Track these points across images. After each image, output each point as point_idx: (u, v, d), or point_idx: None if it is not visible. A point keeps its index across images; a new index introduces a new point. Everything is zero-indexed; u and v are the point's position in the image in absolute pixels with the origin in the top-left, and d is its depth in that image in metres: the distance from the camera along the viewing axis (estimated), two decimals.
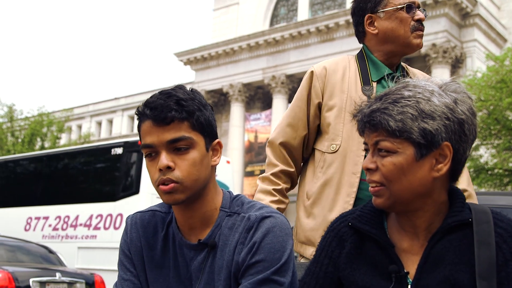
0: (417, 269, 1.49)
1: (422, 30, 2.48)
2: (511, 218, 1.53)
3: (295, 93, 2.64)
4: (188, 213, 1.73)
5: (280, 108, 32.13)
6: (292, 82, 32.43)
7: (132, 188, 10.79)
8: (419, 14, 2.46)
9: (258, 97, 35.50)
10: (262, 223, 1.66)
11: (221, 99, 36.98)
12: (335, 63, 2.60)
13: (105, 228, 10.83)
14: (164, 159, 1.63)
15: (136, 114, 1.69)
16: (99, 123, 48.30)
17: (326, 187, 2.49)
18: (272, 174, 2.58)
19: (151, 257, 1.81)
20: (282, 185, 2.56)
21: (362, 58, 2.57)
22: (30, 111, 35.28)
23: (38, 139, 32.51)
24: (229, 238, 1.70)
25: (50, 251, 9.71)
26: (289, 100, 32.35)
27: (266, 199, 2.50)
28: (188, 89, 1.72)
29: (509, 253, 1.44)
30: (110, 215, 10.81)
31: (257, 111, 35.02)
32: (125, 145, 11.33)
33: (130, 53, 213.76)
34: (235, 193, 1.83)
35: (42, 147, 31.92)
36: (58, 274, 8.44)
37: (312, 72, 2.60)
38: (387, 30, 2.48)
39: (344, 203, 2.41)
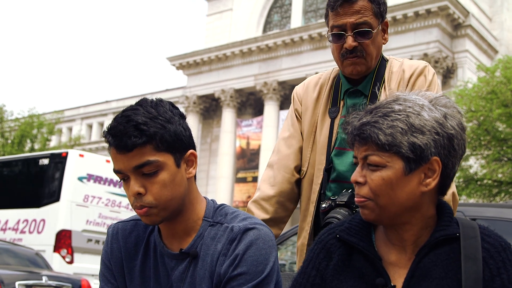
0: (404, 283, 1.49)
1: (356, 57, 2.23)
2: (498, 234, 1.53)
3: (286, 100, 2.59)
4: (170, 225, 1.73)
5: (271, 114, 32.14)
6: (284, 89, 32.44)
7: (54, 196, 11.71)
8: (347, 41, 2.22)
9: (249, 103, 35.51)
10: (245, 235, 1.65)
11: (213, 104, 36.98)
12: (315, 80, 2.50)
13: (30, 232, 11.74)
14: (134, 186, 1.61)
15: (103, 137, 1.66)
16: (90, 126, 48.15)
17: (300, 213, 2.46)
18: None
19: (132, 268, 1.79)
20: None
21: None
22: (20, 112, 35.08)
23: (28, 141, 32.34)
24: (211, 248, 1.69)
25: (38, 255, 9.66)
26: (281, 107, 32.39)
27: None
28: (151, 103, 1.65)
29: (496, 269, 1.44)
30: (35, 220, 11.76)
31: (249, 117, 35.03)
32: (51, 156, 12.38)
33: (123, 56, 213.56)
34: (222, 200, 1.81)
35: (32, 149, 31.77)
36: (44, 278, 8.38)
37: (292, 96, 2.55)
38: (331, 50, 2.35)
39: (305, 231, 2.38)
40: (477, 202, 19.20)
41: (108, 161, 11.85)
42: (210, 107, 37.11)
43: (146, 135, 1.58)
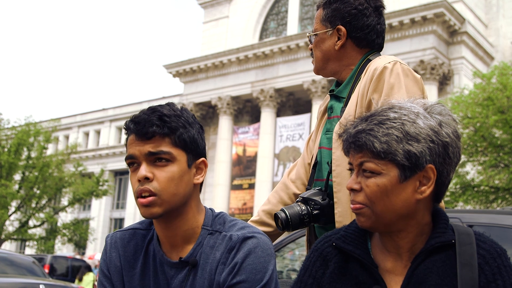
0: None
1: (312, 56, 2.45)
2: (493, 240, 1.54)
3: (283, 107, 2.64)
4: (169, 230, 1.73)
5: (268, 121, 32.15)
6: (281, 96, 32.47)
7: None
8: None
9: (246, 111, 35.52)
10: (244, 244, 1.66)
11: (209, 111, 36.99)
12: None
13: None
14: (143, 170, 1.65)
15: (124, 128, 1.72)
16: (87, 134, 48.12)
17: None
18: None
19: (131, 277, 1.80)
20: None
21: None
22: (17, 120, 35.01)
23: (25, 149, 32.25)
24: (210, 257, 1.70)
25: (35, 263, 9.63)
26: (278, 114, 32.42)
27: None
28: (177, 106, 1.73)
29: (491, 275, 1.45)
30: None
31: (245, 124, 35.02)
32: None
33: (120, 64, 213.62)
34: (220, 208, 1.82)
35: (29, 157, 31.71)
36: (41, 287, 8.36)
37: None
38: None
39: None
40: (473, 208, 19.21)
41: None
42: (206, 115, 37.12)
43: (168, 127, 1.65)
